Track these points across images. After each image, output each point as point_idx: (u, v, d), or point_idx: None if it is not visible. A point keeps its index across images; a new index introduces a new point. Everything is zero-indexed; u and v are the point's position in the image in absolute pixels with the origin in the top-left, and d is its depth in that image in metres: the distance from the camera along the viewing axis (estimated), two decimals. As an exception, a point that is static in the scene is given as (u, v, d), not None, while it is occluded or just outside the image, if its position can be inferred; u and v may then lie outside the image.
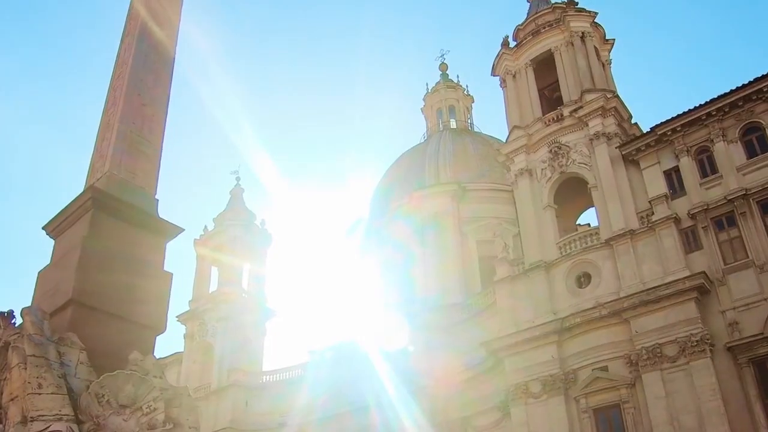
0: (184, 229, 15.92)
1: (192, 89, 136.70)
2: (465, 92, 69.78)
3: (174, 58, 18.33)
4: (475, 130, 66.24)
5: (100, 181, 15.19)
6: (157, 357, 52.94)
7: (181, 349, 58.72)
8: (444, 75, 71.27)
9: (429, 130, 66.70)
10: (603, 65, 42.04)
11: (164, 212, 15.99)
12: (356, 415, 44.14)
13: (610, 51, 43.40)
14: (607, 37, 43.19)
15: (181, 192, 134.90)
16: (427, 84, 70.78)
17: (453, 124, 66.62)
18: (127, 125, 16.22)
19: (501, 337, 36.22)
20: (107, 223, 14.45)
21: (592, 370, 32.86)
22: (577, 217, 43.39)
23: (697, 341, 29.76)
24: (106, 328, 13.47)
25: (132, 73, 16.95)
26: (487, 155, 54.00)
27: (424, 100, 69.84)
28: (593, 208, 37.69)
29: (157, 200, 16.10)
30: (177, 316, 58.83)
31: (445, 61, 71.98)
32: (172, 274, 15.28)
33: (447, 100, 68.21)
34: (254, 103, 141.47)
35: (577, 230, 39.24)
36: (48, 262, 14.85)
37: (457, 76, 71.13)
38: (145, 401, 12.82)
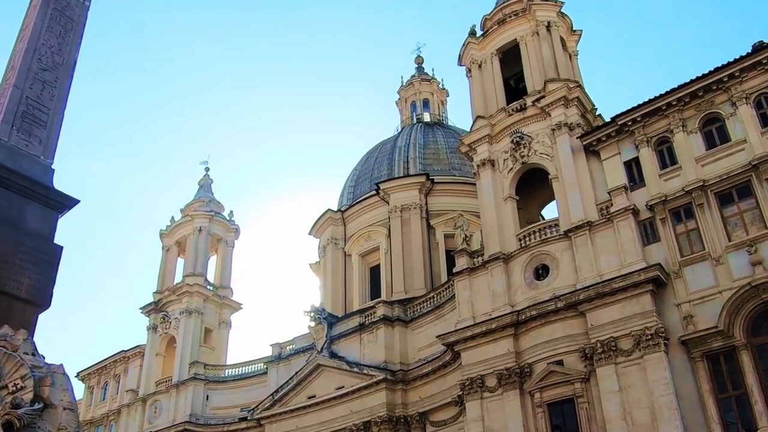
0: (79, 201, 14.91)
1: (169, 80, 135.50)
2: (440, 86, 69.00)
3: (85, 24, 17.32)
4: (450, 123, 65.53)
5: (-14, 147, 14.17)
6: (120, 350, 51.02)
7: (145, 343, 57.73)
8: (419, 68, 70.59)
9: (403, 123, 65.92)
10: (569, 56, 41.40)
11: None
12: (318, 409, 43.33)
13: (577, 42, 42.71)
14: (574, 28, 42.52)
15: (151, 182, 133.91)
16: (402, 77, 70.23)
17: (427, 117, 65.82)
18: (23, 90, 15.20)
19: (457, 329, 35.43)
20: (-12, 191, 13.44)
21: (548, 363, 32.12)
22: (542, 210, 42.71)
23: (651, 335, 29.02)
24: (-25, 300, 12.48)
25: (33, 36, 15.92)
26: (458, 149, 53.24)
27: (398, 93, 69.05)
28: (558, 201, 36.98)
29: (53, 170, 15.09)
30: (140, 308, 57.89)
31: (420, 54, 71.41)
32: (62, 247, 14.28)
33: (421, 93, 67.43)
34: (230, 94, 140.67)
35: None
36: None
37: (432, 70, 70.58)
38: (11, 379, 11.83)
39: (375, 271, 52.08)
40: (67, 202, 14.89)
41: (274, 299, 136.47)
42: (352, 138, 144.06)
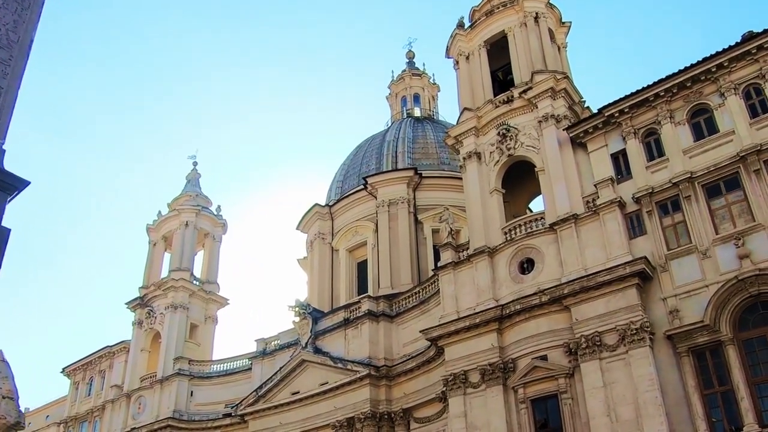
0: (29, 182, 14.22)
1: (160, 74, 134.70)
2: (431, 81, 68.44)
3: (43, 2, 16.65)
4: (440, 118, 64.95)
5: (-70, 126, 13.53)
6: (105, 345, 50.64)
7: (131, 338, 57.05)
8: (410, 63, 70.02)
9: (393, 118, 65.36)
10: (558, 48, 40.82)
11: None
12: (302, 405, 42.76)
13: (566, 34, 42.16)
14: (563, 20, 41.96)
15: (139, 176, 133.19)
16: (392, 72, 69.63)
17: (417, 112, 65.28)
18: (-28, 67, 14.56)
19: (441, 324, 34.85)
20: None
21: (532, 359, 31.55)
22: (529, 204, 42.12)
23: (636, 329, 28.43)
24: None
25: (-15, 12, 15.28)
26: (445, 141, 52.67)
27: (389, 87, 68.48)
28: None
29: (4, 150, 14.43)
30: (126, 303, 57.24)
31: (412, 49, 70.82)
32: (9, 230, 13.64)
33: (412, 88, 66.92)
34: (219, 88, 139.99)
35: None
36: None
37: (423, 65, 69.99)
38: (-55, 366, 11.27)
39: (362, 266, 51.50)
40: (17, 184, 14.23)
41: (262, 295, 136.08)
42: (342, 133, 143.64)
